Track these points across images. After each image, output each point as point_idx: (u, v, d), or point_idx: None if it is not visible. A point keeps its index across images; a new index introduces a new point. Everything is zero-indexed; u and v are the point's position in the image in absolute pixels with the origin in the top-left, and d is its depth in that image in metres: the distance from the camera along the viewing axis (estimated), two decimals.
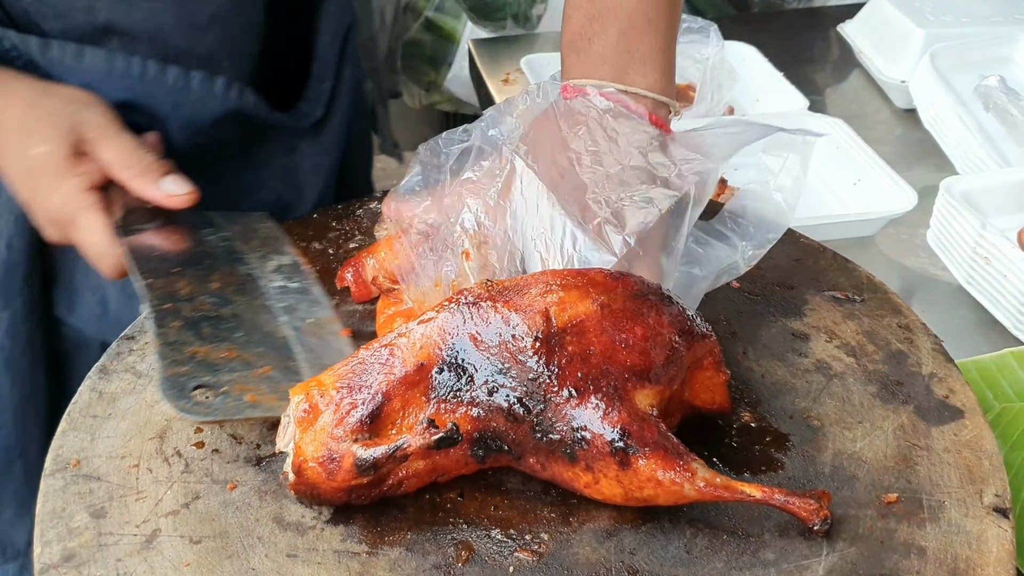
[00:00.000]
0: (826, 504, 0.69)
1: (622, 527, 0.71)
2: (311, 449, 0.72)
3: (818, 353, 0.86)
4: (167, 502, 0.73)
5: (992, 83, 1.25)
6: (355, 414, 0.72)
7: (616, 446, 0.70)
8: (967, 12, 1.70)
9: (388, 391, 0.73)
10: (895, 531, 0.70)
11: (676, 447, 0.71)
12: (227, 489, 0.74)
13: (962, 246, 1.16)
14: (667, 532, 0.71)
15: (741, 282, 0.95)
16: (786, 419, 0.80)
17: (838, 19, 1.93)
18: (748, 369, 0.85)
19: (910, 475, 0.74)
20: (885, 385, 0.83)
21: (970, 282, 1.17)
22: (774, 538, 0.70)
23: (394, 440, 0.70)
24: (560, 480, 0.73)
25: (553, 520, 0.72)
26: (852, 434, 0.78)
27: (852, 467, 0.75)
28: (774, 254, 0.98)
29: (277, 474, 0.75)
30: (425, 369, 0.74)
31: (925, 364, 0.84)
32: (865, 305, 0.91)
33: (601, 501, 0.72)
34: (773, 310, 0.91)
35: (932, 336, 0.87)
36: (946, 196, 1.19)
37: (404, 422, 0.73)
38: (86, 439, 0.78)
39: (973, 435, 0.77)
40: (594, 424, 0.71)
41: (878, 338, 0.87)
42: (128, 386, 0.83)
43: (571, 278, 0.77)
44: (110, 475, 0.75)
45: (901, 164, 1.46)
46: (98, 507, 0.72)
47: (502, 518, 0.72)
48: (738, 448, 0.78)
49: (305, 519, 0.72)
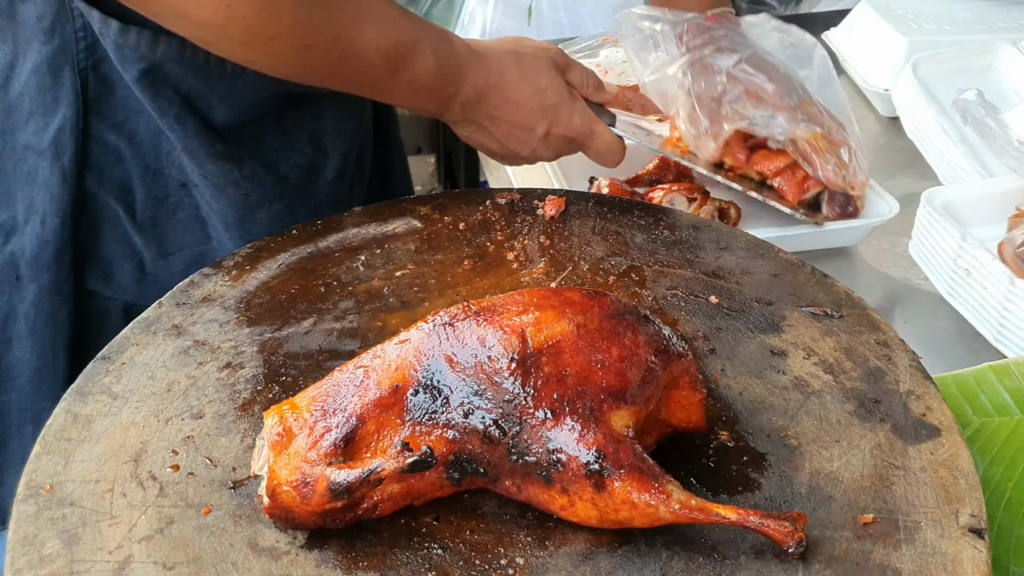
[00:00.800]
0: (801, 526, 0.69)
1: (598, 550, 0.71)
2: (285, 473, 0.71)
3: (796, 370, 0.86)
4: (141, 527, 0.72)
5: (970, 97, 1.25)
6: (329, 437, 0.72)
7: (591, 468, 0.69)
8: (950, 20, 1.70)
9: (362, 414, 0.72)
10: (871, 553, 0.70)
11: (651, 469, 0.71)
12: (201, 513, 0.74)
13: (943, 257, 1.16)
14: (643, 555, 0.70)
15: (720, 297, 0.95)
16: (763, 438, 0.80)
17: (824, 25, 1.93)
18: (726, 387, 0.85)
19: (886, 495, 0.74)
20: (862, 403, 0.82)
21: (951, 293, 1.17)
22: (749, 560, 0.70)
23: (368, 464, 0.70)
24: (536, 502, 0.73)
25: (529, 544, 0.71)
26: (829, 453, 0.78)
27: (829, 487, 0.75)
28: (753, 269, 0.98)
29: (252, 498, 0.75)
30: (400, 391, 0.73)
31: (903, 381, 0.84)
32: (843, 321, 0.91)
33: (577, 523, 0.72)
34: (752, 326, 0.91)
35: (910, 352, 0.87)
36: (927, 207, 1.19)
37: (379, 445, 0.72)
38: (60, 463, 0.77)
39: (950, 454, 0.77)
40: (569, 446, 0.70)
41: (856, 355, 0.87)
42: (104, 408, 0.82)
43: (547, 298, 0.77)
44: (84, 500, 0.74)
45: (884, 173, 1.46)
46: (71, 533, 0.72)
47: (478, 542, 0.71)
48: (715, 468, 0.77)
49: (280, 544, 0.71)
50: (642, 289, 0.96)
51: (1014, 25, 1.70)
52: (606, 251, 1.02)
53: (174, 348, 0.89)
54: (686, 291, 0.96)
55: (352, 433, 0.72)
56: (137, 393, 0.84)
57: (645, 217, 1.07)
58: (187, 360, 0.88)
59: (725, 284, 0.96)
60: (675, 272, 0.98)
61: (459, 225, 1.06)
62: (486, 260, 1.01)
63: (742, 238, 1.03)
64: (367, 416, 0.72)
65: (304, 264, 1.00)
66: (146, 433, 0.80)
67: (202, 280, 0.97)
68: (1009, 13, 1.74)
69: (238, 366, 0.87)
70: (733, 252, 1.01)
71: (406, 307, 0.95)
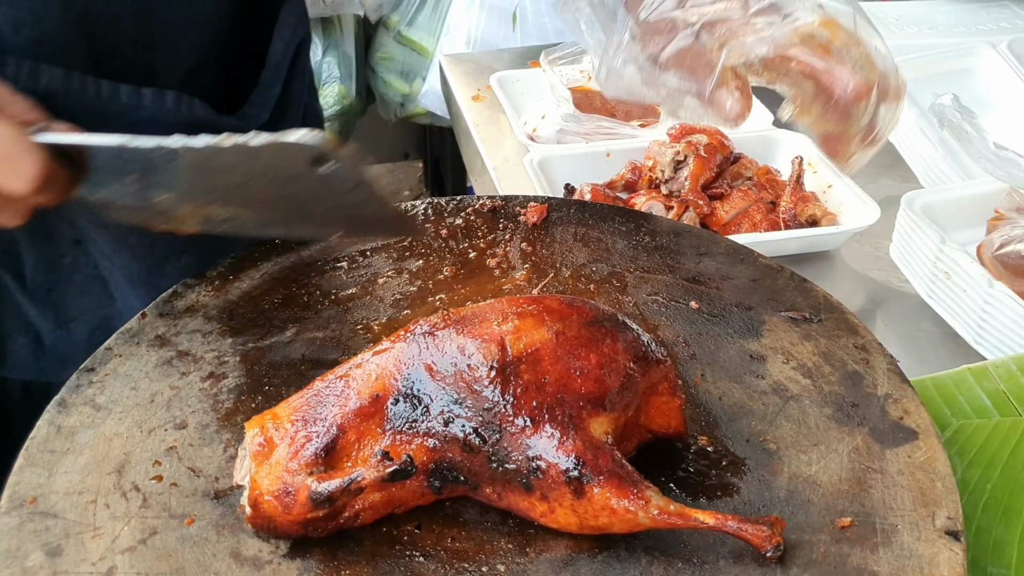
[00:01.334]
0: (779, 531, 0.70)
1: (579, 556, 0.71)
2: (266, 483, 0.72)
3: (775, 375, 0.87)
4: (124, 538, 0.73)
5: (946, 101, 1.27)
6: (310, 447, 0.72)
7: (571, 475, 0.70)
8: (930, 23, 1.72)
9: (343, 423, 0.73)
10: (848, 556, 0.71)
11: (631, 475, 0.71)
12: (184, 524, 0.74)
13: (923, 260, 1.17)
14: (623, 560, 0.71)
15: (700, 302, 0.95)
16: (743, 443, 0.80)
17: None
18: (706, 392, 0.85)
19: (864, 498, 0.75)
20: (840, 407, 0.83)
21: (931, 296, 1.18)
22: (729, 565, 0.70)
23: (349, 473, 0.71)
24: (516, 509, 0.73)
25: (510, 551, 0.72)
26: (808, 457, 0.79)
27: (807, 491, 0.76)
28: (733, 274, 0.99)
29: (235, 508, 0.75)
30: (380, 400, 0.74)
31: (880, 385, 0.85)
32: (822, 325, 0.92)
33: (558, 530, 0.72)
34: (732, 331, 0.92)
35: (888, 356, 0.88)
36: (907, 211, 1.20)
37: (359, 454, 0.73)
38: (43, 475, 0.77)
39: (927, 457, 0.78)
40: (549, 453, 0.71)
41: (834, 359, 0.88)
42: (87, 419, 0.83)
43: (527, 306, 0.78)
44: (67, 512, 0.74)
45: (865, 176, 1.47)
46: (54, 545, 0.72)
47: (459, 550, 0.72)
48: (695, 473, 0.78)
49: (262, 553, 0.72)
50: (623, 295, 0.97)
51: (994, 28, 1.71)
52: (588, 257, 1.03)
53: (157, 359, 0.89)
54: (667, 296, 0.97)
55: (333, 443, 0.72)
56: (120, 404, 0.84)
57: (626, 223, 1.07)
58: (170, 371, 0.88)
59: (705, 289, 0.97)
60: (656, 278, 0.99)
61: (441, 232, 1.06)
62: (468, 267, 1.02)
63: (722, 243, 1.04)
64: (347, 426, 0.73)
65: (287, 274, 1.00)
66: (129, 444, 0.81)
67: (185, 291, 0.97)
68: (989, 15, 1.75)
69: (221, 376, 0.87)
70: (713, 257, 1.02)
71: (388, 315, 0.95)
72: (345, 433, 0.73)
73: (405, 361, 0.75)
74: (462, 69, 1.93)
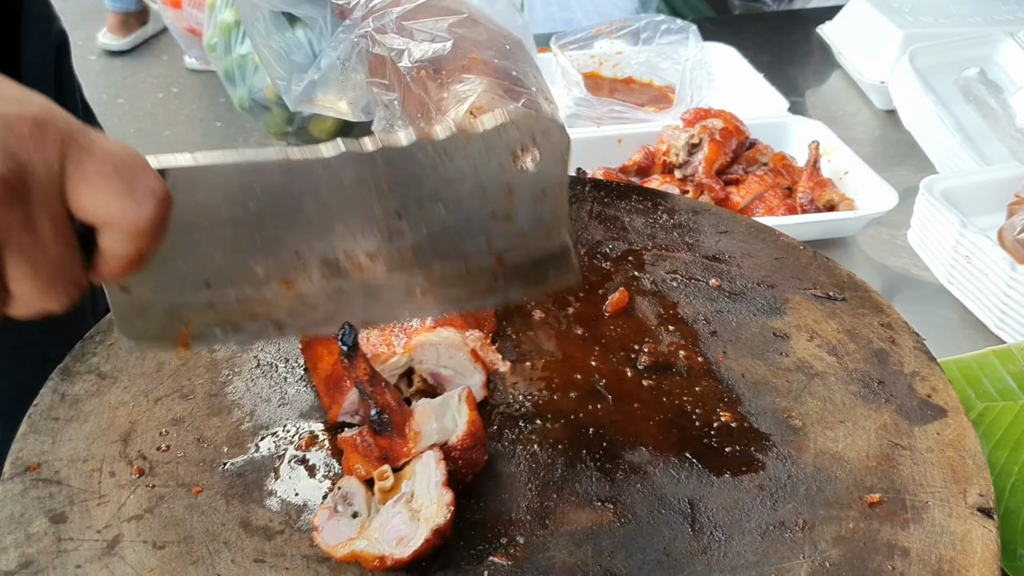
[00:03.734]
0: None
1: (600, 528, 0.69)
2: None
3: (799, 352, 0.85)
4: (130, 506, 0.70)
5: (971, 74, 1.24)
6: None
7: None
8: (945, 13, 1.70)
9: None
10: (878, 532, 0.69)
11: None
12: (192, 493, 0.72)
13: (943, 245, 1.15)
14: (646, 534, 0.69)
15: (721, 280, 0.93)
16: (767, 419, 0.78)
17: (818, 21, 1.93)
18: (728, 368, 0.83)
19: (893, 475, 0.73)
20: (867, 384, 0.81)
21: (951, 281, 1.16)
22: (755, 539, 0.68)
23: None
24: None
25: (528, 523, 0.70)
26: (834, 434, 0.77)
27: (834, 467, 0.74)
28: (754, 252, 0.97)
29: (244, 477, 0.73)
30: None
31: (907, 363, 0.83)
32: (846, 304, 0.90)
33: (577, 502, 0.70)
34: (754, 309, 0.90)
35: (914, 334, 0.86)
36: (926, 195, 1.18)
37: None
38: (47, 442, 0.75)
39: (956, 434, 0.76)
40: None
41: (860, 337, 0.86)
42: (92, 388, 0.80)
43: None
44: (71, 479, 0.72)
45: (881, 165, 1.45)
46: (58, 512, 0.70)
47: (475, 521, 0.70)
48: (717, 448, 0.76)
49: (273, 523, 0.70)
50: (641, 272, 0.95)
51: (1010, 18, 1.70)
52: (604, 235, 1.00)
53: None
54: (686, 274, 0.94)
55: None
56: (126, 373, 0.82)
57: (643, 201, 1.05)
58: None
59: (726, 267, 0.95)
60: (675, 255, 0.97)
61: None
62: None
63: (742, 222, 1.02)
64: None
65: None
66: (135, 413, 0.78)
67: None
68: (1005, 6, 1.74)
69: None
70: (734, 236, 0.99)
71: None
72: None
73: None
74: None
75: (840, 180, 1.37)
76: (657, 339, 0.86)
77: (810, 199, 1.27)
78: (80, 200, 0.54)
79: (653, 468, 0.74)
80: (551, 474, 0.73)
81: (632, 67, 1.70)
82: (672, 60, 1.66)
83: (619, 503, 0.71)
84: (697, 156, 1.34)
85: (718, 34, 1.79)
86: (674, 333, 0.87)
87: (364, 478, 0.71)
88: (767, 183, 1.31)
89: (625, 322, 0.89)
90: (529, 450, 0.75)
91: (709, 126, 1.35)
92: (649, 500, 0.71)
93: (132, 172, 0.55)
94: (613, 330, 0.87)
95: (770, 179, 1.32)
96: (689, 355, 0.85)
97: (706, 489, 0.72)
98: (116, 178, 0.54)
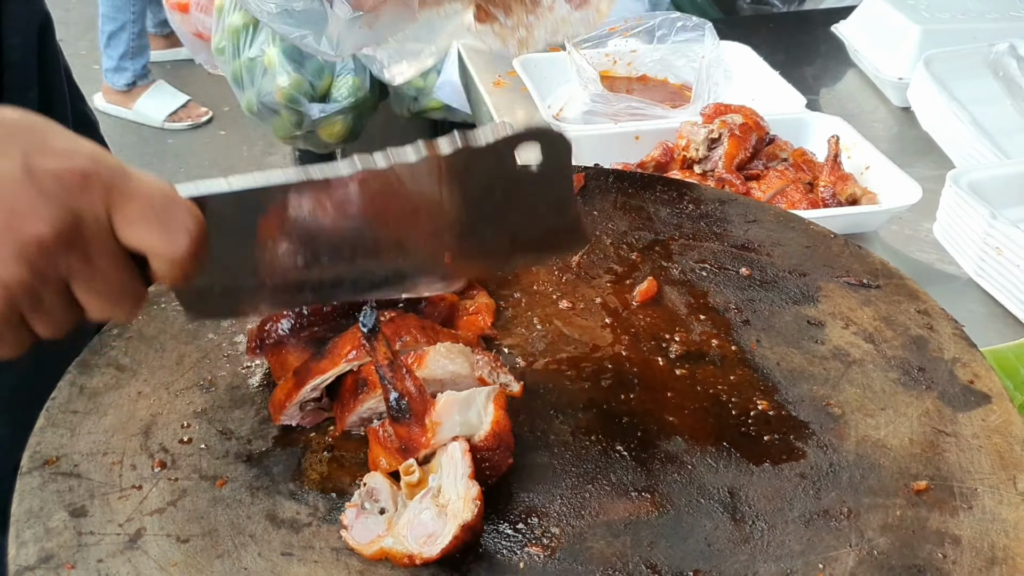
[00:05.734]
0: None
1: (639, 519, 0.67)
2: None
3: (835, 340, 0.83)
4: (152, 500, 0.68)
5: (1002, 48, 1.21)
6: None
7: None
8: (963, 9, 1.68)
9: None
10: (926, 520, 0.66)
11: None
12: (216, 485, 0.70)
13: (971, 237, 1.13)
14: (686, 524, 0.66)
15: (751, 269, 0.91)
16: (805, 407, 0.76)
17: (830, 22, 1.91)
18: (763, 357, 0.81)
19: (938, 462, 0.71)
20: (907, 371, 0.79)
21: (980, 274, 1.14)
22: (799, 528, 0.66)
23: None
24: None
25: (563, 513, 0.67)
26: (875, 421, 0.75)
27: (876, 455, 0.72)
28: (784, 241, 0.95)
29: (269, 469, 0.71)
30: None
31: (947, 349, 0.81)
32: (881, 291, 0.88)
33: (611, 490, 0.68)
34: (786, 297, 0.88)
35: (952, 321, 0.84)
36: (953, 187, 1.16)
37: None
38: (66, 435, 0.73)
39: (1002, 420, 0.74)
40: None
41: (896, 324, 0.84)
42: (111, 380, 0.78)
43: None
44: (91, 472, 0.70)
45: (900, 161, 1.42)
46: (78, 506, 0.67)
47: (509, 511, 0.67)
48: (755, 437, 0.74)
49: (300, 516, 0.67)
50: (668, 262, 0.93)
51: None
52: (629, 225, 0.98)
53: (183, 321, 0.85)
54: (715, 263, 0.92)
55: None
56: (146, 366, 0.80)
57: (668, 191, 1.03)
58: (197, 333, 0.84)
59: (756, 256, 0.93)
60: (703, 245, 0.95)
61: None
62: None
63: (771, 211, 1.00)
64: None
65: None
66: (156, 405, 0.76)
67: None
68: (1022, 1, 1.72)
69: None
70: (762, 225, 0.97)
71: None
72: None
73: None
74: (481, 56, 1.90)
75: (861, 176, 1.35)
76: (688, 328, 0.84)
77: (832, 193, 1.25)
78: (127, 237, 0.63)
79: (690, 457, 0.72)
80: (585, 464, 0.71)
81: (647, 65, 1.68)
82: (688, 58, 1.64)
83: (657, 493, 0.69)
84: (717, 151, 1.32)
85: (729, 35, 1.77)
86: (705, 322, 0.85)
87: (388, 471, 0.69)
88: (788, 178, 1.29)
89: (654, 311, 0.86)
90: (561, 440, 0.73)
91: (728, 121, 1.33)
92: (687, 490, 0.69)
93: (167, 212, 0.64)
94: (643, 319, 0.85)
95: (791, 174, 1.29)
96: (722, 344, 0.82)
97: (746, 478, 0.70)
98: (154, 218, 0.63)
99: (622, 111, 1.47)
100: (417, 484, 0.66)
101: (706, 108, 1.41)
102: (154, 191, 0.64)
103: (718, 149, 1.32)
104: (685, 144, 1.34)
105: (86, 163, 0.62)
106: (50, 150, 0.62)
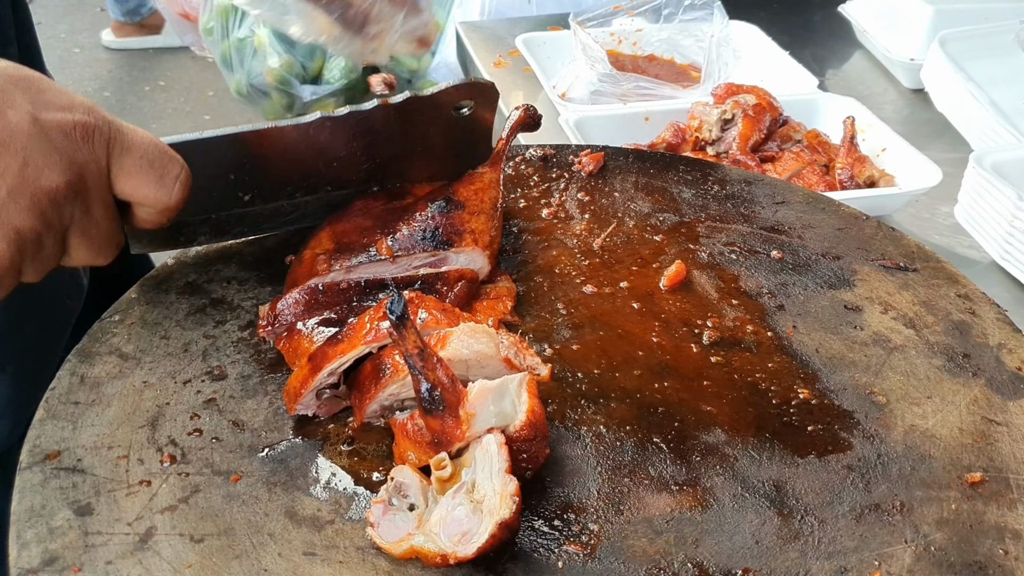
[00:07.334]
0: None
1: (681, 515, 0.63)
2: None
3: (874, 325, 0.79)
4: (162, 496, 0.64)
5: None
6: None
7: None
8: None
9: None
10: (983, 514, 0.63)
11: None
12: (230, 481, 0.65)
13: (997, 220, 1.10)
14: (731, 520, 0.63)
15: (783, 252, 0.87)
16: (848, 395, 0.73)
17: (835, 1, 1.88)
18: (801, 343, 0.77)
19: (991, 453, 0.67)
20: (951, 357, 0.76)
21: (1005, 257, 1.10)
22: (850, 523, 0.62)
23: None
24: None
25: (601, 509, 0.64)
26: (922, 410, 0.71)
27: (926, 445, 0.68)
28: (815, 223, 0.92)
29: (287, 463, 0.67)
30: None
31: (991, 335, 0.78)
32: (919, 274, 0.84)
33: (649, 484, 0.64)
34: (821, 281, 0.84)
35: (995, 306, 0.81)
36: (977, 168, 1.12)
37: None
38: (67, 428, 0.68)
39: None
40: None
41: (937, 309, 0.80)
42: (114, 369, 0.74)
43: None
44: (96, 467, 0.66)
45: (913, 143, 1.39)
46: (83, 503, 0.63)
47: (544, 507, 0.64)
48: (798, 427, 0.70)
49: (322, 513, 0.63)
50: (696, 245, 0.89)
51: None
52: (652, 207, 0.94)
53: (189, 307, 0.80)
54: (744, 246, 0.89)
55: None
56: (150, 354, 0.75)
57: (691, 172, 0.99)
58: (204, 319, 0.79)
59: (787, 239, 0.89)
60: (730, 227, 0.91)
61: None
62: (520, 217, 0.93)
63: (799, 192, 0.96)
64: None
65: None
66: (163, 396, 0.72)
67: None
68: None
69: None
70: (791, 206, 0.94)
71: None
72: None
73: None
74: (480, 36, 1.85)
75: (877, 157, 1.31)
76: (721, 314, 0.81)
77: (850, 175, 1.22)
78: (123, 187, 0.68)
79: (731, 449, 0.68)
80: (621, 457, 0.68)
81: (653, 44, 1.64)
82: (695, 37, 1.60)
83: (699, 487, 0.65)
84: (730, 132, 1.28)
85: (733, 15, 1.74)
86: (738, 307, 0.81)
87: (418, 466, 0.65)
88: (804, 160, 1.25)
89: (684, 296, 0.83)
90: (594, 431, 0.69)
91: (741, 102, 1.30)
92: (731, 483, 0.65)
93: (162, 164, 0.69)
94: (672, 304, 0.82)
95: (807, 156, 1.26)
96: (757, 330, 0.79)
97: (791, 471, 0.66)
98: (150, 170, 0.68)
99: (631, 91, 1.43)
100: (449, 479, 0.62)
101: (717, 88, 1.37)
102: (148, 143, 0.68)
103: (731, 130, 1.29)
104: (698, 125, 1.30)
105: (85, 116, 0.65)
106: (51, 103, 0.64)
